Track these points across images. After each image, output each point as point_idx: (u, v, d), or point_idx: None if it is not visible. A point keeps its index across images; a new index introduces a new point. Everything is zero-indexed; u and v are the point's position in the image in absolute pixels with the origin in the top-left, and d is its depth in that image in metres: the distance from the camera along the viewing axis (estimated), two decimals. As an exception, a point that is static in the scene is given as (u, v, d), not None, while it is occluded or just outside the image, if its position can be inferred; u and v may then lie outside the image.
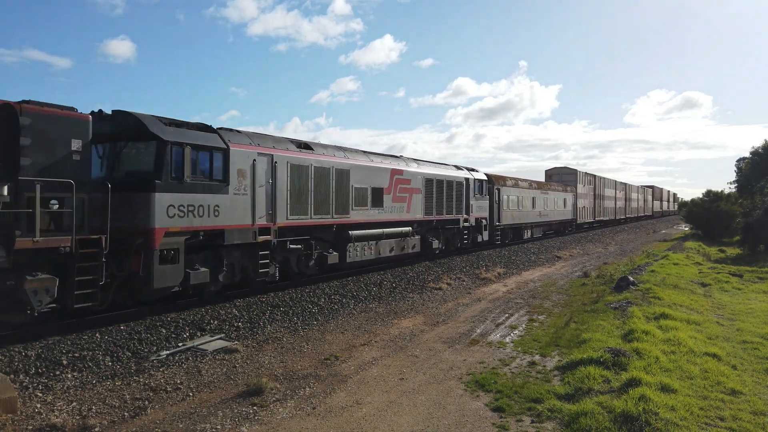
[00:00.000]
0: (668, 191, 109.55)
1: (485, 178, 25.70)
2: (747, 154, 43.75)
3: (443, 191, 21.18)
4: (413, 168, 19.52)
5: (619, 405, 6.11)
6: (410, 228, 18.94)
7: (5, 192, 7.63)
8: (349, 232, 15.66)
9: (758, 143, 42.90)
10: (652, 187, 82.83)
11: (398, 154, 19.86)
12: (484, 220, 24.99)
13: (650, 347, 8.39)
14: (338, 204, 15.18)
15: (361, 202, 16.24)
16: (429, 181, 20.10)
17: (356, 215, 16.01)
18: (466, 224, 23.15)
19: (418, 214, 19.33)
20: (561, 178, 41.29)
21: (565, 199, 38.49)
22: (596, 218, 47.01)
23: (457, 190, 22.33)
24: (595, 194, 46.10)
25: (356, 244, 16.02)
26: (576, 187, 40.92)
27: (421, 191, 19.61)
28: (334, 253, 15.29)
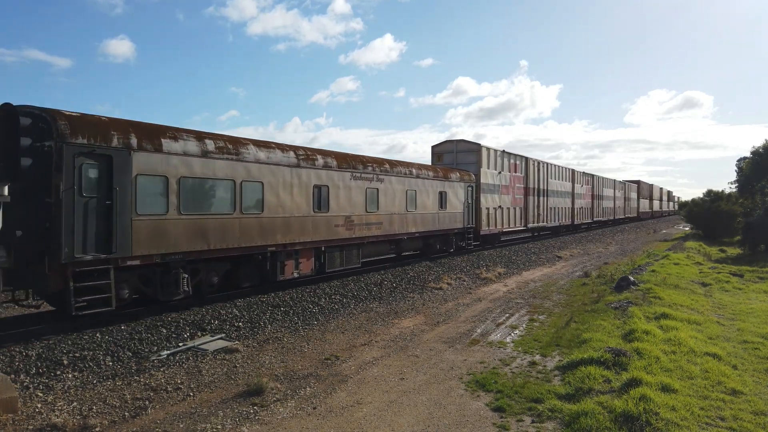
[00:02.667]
0: (660, 188, 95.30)
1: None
2: (748, 154, 43.71)
3: None
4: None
5: (619, 405, 6.10)
6: None
7: (5, 192, 7.64)
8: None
9: (759, 143, 42.85)
10: (637, 182, 69.20)
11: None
12: None
13: (651, 347, 8.39)
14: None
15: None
16: None
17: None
18: None
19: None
20: (456, 158, 25.59)
21: (443, 194, 21.59)
22: (535, 223, 32.26)
23: None
24: (529, 188, 31.13)
25: None
26: (480, 174, 24.78)
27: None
28: None
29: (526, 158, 31.17)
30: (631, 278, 15.12)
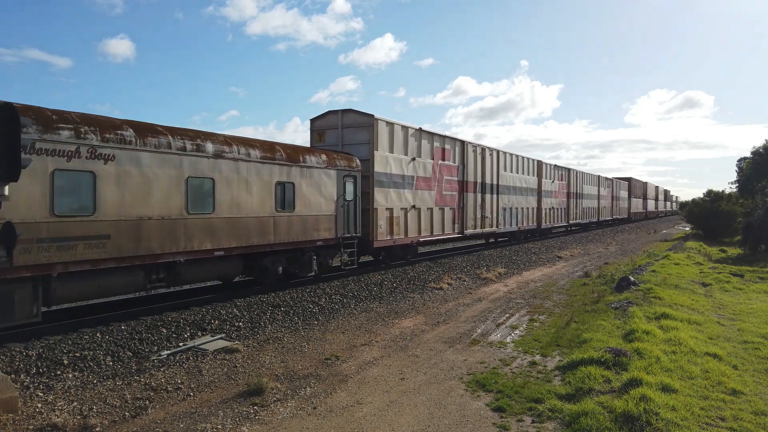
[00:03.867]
0: (656, 187, 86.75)
1: None
2: (748, 154, 43.71)
3: None
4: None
5: (619, 405, 6.10)
6: None
7: (6, 192, 7.63)
8: None
9: (759, 143, 42.86)
10: (628, 179, 61.40)
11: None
12: None
13: (651, 347, 8.38)
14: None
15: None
16: None
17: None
18: None
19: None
20: (342, 137, 17.47)
21: (285, 186, 13.63)
22: (478, 228, 24.35)
23: None
24: (467, 182, 23.17)
25: None
26: (374, 159, 16.74)
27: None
28: None
29: (464, 142, 22.98)
30: (632, 278, 15.12)
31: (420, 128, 19.27)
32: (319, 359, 8.73)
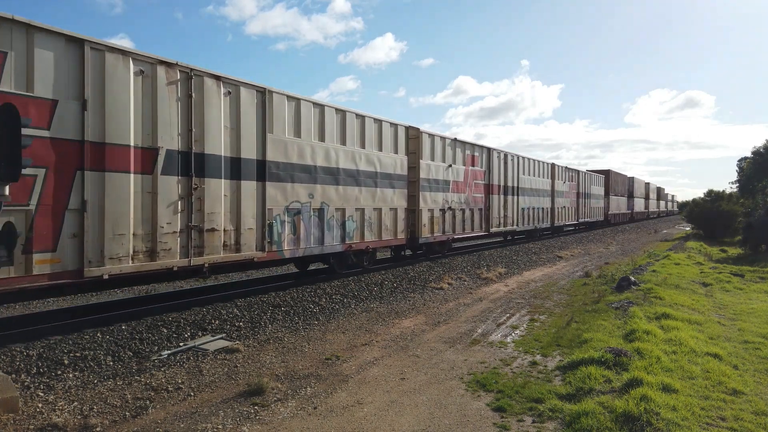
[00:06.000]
0: (646, 183, 73.61)
1: None
2: (749, 154, 43.70)
3: None
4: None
5: (620, 405, 6.10)
6: None
7: (6, 192, 7.63)
8: None
9: (760, 143, 42.87)
10: (606, 172, 49.18)
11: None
12: None
13: (651, 347, 8.38)
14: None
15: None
16: None
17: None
18: None
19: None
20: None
21: None
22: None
23: None
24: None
25: None
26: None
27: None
28: None
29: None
30: (632, 278, 15.12)
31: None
32: (320, 359, 8.74)
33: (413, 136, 18.91)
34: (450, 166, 21.09)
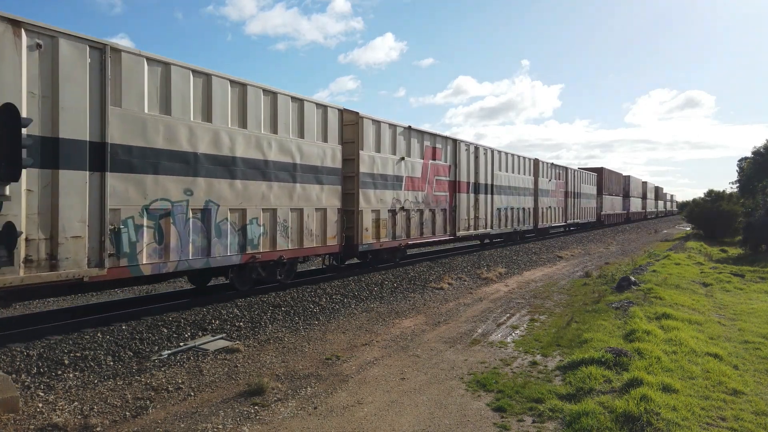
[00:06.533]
0: (643, 182, 69.12)
1: None
2: (749, 154, 43.69)
3: None
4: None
5: (620, 405, 6.10)
6: None
7: (7, 192, 7.63)
8: None
9: (760, 143, 42.86)
10: (599, 170, 46.35)
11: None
12: None
13: (652, 347, 8.38)
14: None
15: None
16: None
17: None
18: None
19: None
20: None
21: None
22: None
23: None
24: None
25: None
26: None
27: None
28: None
29: (456, 141, 21.49)
30: (632, 278, 15.12)
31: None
32: (320, 359, 8.74)
33: (351, 121, 15.47)
34: (403, 159, 17.77)
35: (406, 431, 6.04)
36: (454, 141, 21.45)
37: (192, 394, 7.12)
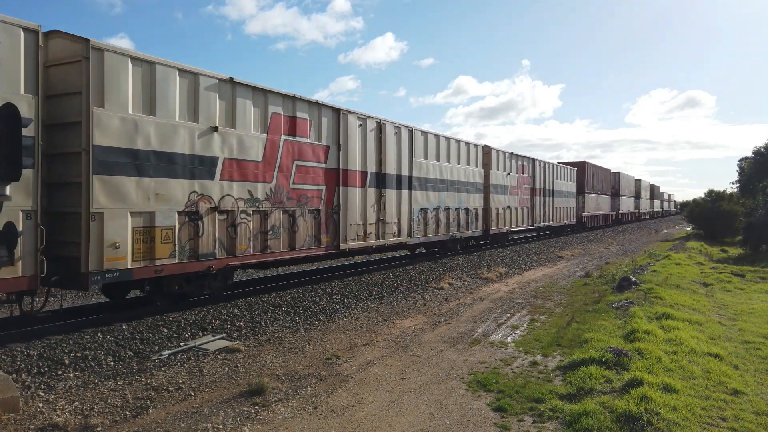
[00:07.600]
0: (637, 180, 63.64)
1: None
2: (749, 154, 43.65)
3: None
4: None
5: (620, 405, 6.10)
6: None
7: (7, 192, 7.64)
8: None
9: (761, 142, 42.79)
10: (581, 164, 41.30)
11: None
12: None
13: (652, 347, 8.38)
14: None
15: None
16: None
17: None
18: None
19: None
20: None
21: None
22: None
23: None
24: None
25: None
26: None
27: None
28: None
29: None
30: (633, 278, 15.11)
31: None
32: (320, 359, 8.74)
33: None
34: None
35: (406, 431, 6.04)
36: (337, 111, 14.78)
37: (192, 394, 7.12)
